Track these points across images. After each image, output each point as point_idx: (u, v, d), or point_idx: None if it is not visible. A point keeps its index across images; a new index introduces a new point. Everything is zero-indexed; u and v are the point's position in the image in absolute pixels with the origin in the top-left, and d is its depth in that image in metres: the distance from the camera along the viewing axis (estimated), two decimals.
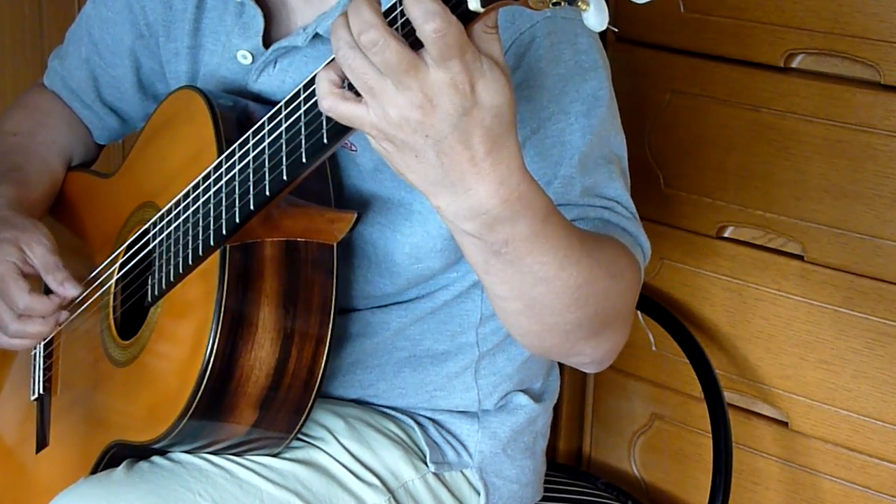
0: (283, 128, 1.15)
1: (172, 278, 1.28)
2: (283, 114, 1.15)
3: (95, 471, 1.33)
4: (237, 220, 1.20)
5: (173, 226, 1.29)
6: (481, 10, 0.95)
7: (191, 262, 1.25)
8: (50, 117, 1.57)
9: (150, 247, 1.33)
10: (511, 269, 1.09)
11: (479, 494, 1.44)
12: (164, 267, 1.29)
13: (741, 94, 1.69)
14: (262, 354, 1.22)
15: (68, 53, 1.58)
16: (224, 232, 1.21)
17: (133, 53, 1.50)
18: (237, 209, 1.20)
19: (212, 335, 1.19)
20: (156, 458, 1.30)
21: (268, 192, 1.17)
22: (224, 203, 1.22)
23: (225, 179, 1.23)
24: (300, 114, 1.12)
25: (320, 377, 1.25)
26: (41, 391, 1.47)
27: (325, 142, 1.09)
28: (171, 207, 1.30)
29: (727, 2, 1.69)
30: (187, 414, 1.21)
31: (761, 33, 1.66)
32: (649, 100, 1.78)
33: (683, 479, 1.88)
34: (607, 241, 1.21)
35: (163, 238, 1.31)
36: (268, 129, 1.17)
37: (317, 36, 1.30)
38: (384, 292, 1.35)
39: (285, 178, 1.15)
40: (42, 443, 1.45)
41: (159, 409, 1.25)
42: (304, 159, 1.12)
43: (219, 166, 1.24)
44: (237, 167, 1.21)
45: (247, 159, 1.20)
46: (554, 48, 1.24)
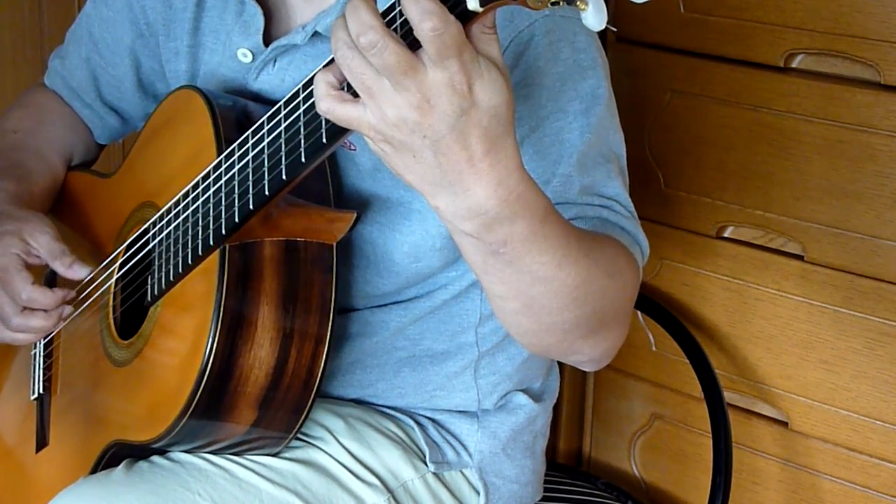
0: (282, 127, 1.15)
1: (172, 278, 1.28)
2: (283, 113, 1.15)
3: (95, 470, 1.33)
4: (237, 219, 1.20)
5: (173, 225, 1.29)
6: (480, 10, 0.94)
7: (190, 261, 1.25)
8: (51, 116, 1.57)
9: (150, 246, 1.33)
10: (509, 268, 1.09)
11: (478, 494, 1.44)
12: (164, 266, 1.29)
13: (741, 94, 1.69)
14: (261, 354, 1.22)
15: (69, 53, 1.58)
16: (223, 231, 1.21)
17: (133, 53, 1.50)
18: (237, 209, 1.20)
19: (211, 334, 1.19)
20: (155, 458, 1.30)
21: (267, 192, 1.17)
22: (223, 203, 1.22)
23: (224, 179, 1.23)
24: (299, 113, 1.12)
25: (320, 377, 1.25)
26: (41, 391, 1.47)
27: (325, 141, 1.09)
28: (170, 207, 1.30)
29: (727, 2, 1.68)
30: (187, 413, 1.21)
31: (761, 33, 1.66)
32: (649, 100, 1.78)
33: (683, 479, 1.88)
34: (605, 240, 1.21)
35: (162, 238, 1.31)
36: (267, 128, 1.17)
37: (316, 34, 1.30)
38: (383, 291, 1.35)
39: (284, 177, 1.15)
40: (42, 442, 1.45)
41: (159, 408, 1.25)
42: (303, 159, 1.12)
43: (218, 166, 1.24)
44: (237, 167, 1.21)
45: (246, 159, 1.20)
46: (552, 46, 1.24)
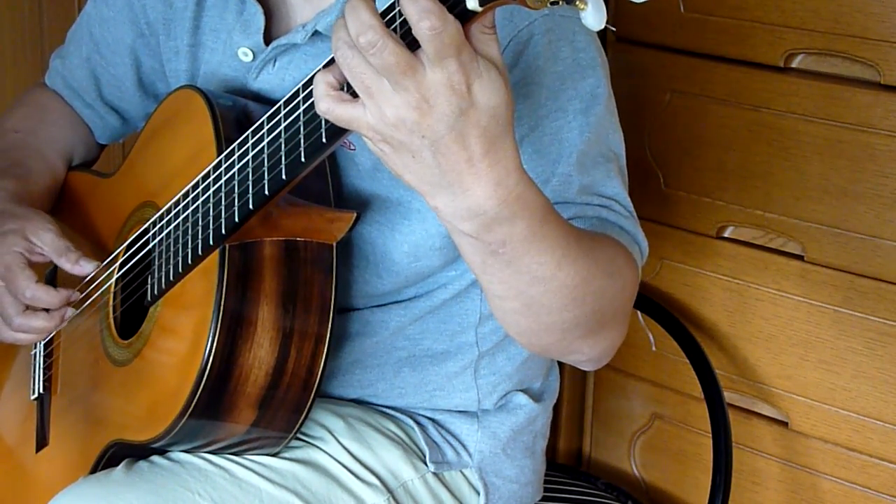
0: (282, 127, 1.15)
1: (172, 277, 1.28)
2: (283, 113, 1.15)
3: (95, 470, 1.33)
4: (236, 219, 1.20)
5: (173, 225, 1.29)
6: (479, 10, 0.94)
7: (190, 261, 1.25)
8: (51, 116, 1.57)
9: (150, 246, 1.33)
10: (509, 268, 1.09)
11: (478, 494, 1.44)
12: (164, 266, 1.29)
13: (741, 94, 1.69)
14: (261, 353, 1.22)
15: (69, 53, 1.58)
16: (223, 231, 1.21)
17: (133, 52, 1.50)
18: (236, 208, 1.20)
19: (211, 334, 1.19)
20: (155, 458, 1.30)
21: (267, 192, 1.17)
22: (223, 202, 1.22)
23: (224, 179, 1.23)
24: (299, 113, 1.12)
25: (319, 376, 1.25)
26: (41, 391, 1.47)
27: (324, 141, 1.09)
28: (170, 207, 1.30)
29: (727, 2, 1.68)
30: (186, 413, 1.21)
31: (761, 33, 1.66)
32: (649, 100, 1.78)
33: (683, 479, 1.88)
34: (605, 239, 1.21)
35: (162, 237, 1.31)
36: (267, 128, 1.17)
37: (316, 33, 1.30)
38: (383, 291, 1.35)
39: (284, 177, 1.15)
40: (42, 442, 1.45)
41: (158, 408, 1.25)
42: (302, 158, 1.12)
43: (218, 166, 1.24)
44: (236, 166, 1.21)
45: (246, 159, 1.20)
46: (552, 46, 1.24)
